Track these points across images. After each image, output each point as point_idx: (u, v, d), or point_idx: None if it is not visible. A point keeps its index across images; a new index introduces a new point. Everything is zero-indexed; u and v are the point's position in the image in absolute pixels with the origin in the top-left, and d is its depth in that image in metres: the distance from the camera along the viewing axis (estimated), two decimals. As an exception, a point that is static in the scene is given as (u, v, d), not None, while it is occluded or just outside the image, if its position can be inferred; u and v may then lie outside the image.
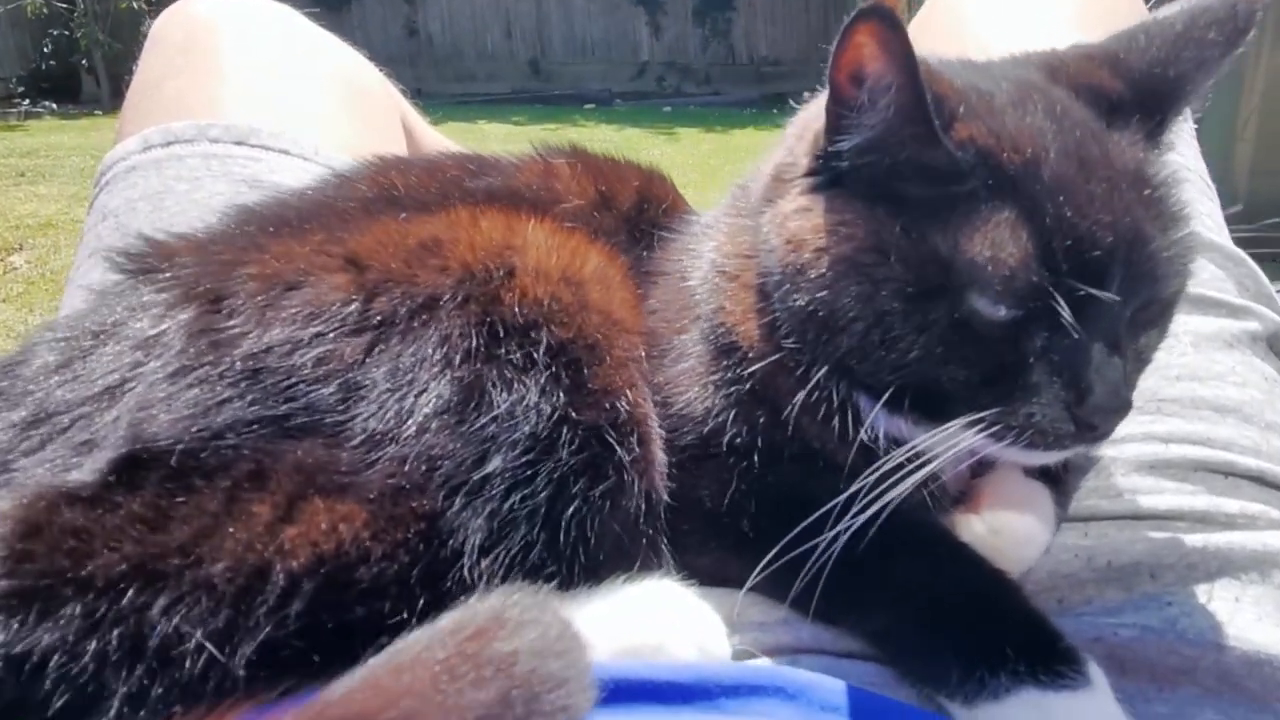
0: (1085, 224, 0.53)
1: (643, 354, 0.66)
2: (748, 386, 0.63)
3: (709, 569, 0.62)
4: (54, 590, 0.45)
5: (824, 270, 0.57)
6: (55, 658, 0.44)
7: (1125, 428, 0.72)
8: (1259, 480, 0.69)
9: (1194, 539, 0.64)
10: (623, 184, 0.81)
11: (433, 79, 9.56)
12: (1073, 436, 0.55)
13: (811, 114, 0.67)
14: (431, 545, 0.52)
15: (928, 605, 0.56)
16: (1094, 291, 0.52)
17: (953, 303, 0.53)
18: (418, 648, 0.37)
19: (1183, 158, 0.91)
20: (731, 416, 0.63)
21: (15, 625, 0.44)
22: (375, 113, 1.21)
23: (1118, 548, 0.64)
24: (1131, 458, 0.70)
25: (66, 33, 8.37)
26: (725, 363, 0.65)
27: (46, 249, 4.71)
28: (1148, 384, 0.73)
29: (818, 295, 0.57)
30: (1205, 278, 0.81)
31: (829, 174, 0.59)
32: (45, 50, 8.49)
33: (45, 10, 8.12)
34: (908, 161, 0.55)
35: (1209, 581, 0.63)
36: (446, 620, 0.40)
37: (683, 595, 0.59)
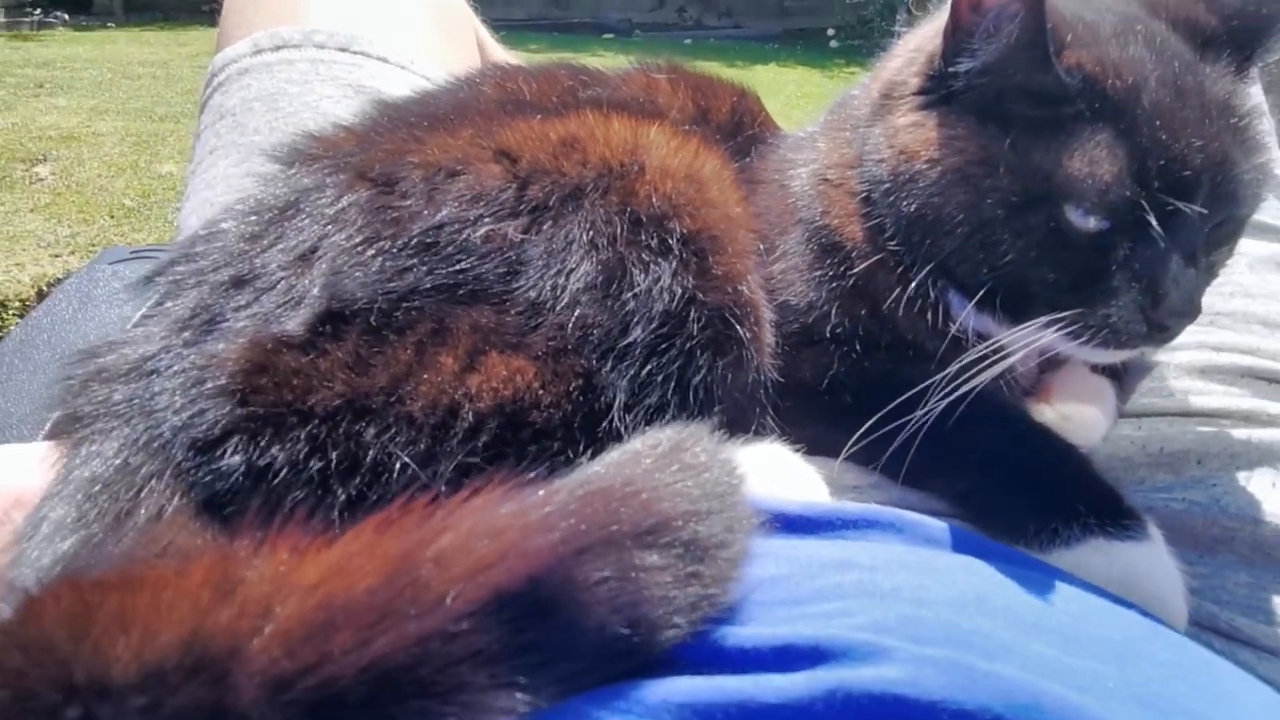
0: (1178, 146, 0.59)
1: (759, 248, 0.73)
2: (850, 283, 0.70)
3: (810, 439, 0.70)
4: (283, 418, 0.53)
5: (935, 179, 0.63)
6: (286, 471, 0.52)
7: (1181, 337, 0.80)
8: (1300, 387, 0.77)
9: (1239, 433, 0.72)
10: (719, 99, 0.87)
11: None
12: (1144, 337, 0.62)
13: (921, 37, 0.72)
14: (587, 397, 0.59)
15: (1007, 469, 0.64)
16: (1181, 205, 0.59)
17: (1050, 213, 0.60)
18: (628, 454, 0.44)
19: (1256, 100, 0.96)
20: (834, 309, 0.71)
21: (256, 445, 0.52)
22: (457, 27, 1.26)
23: (1169, 437, 0.72)
24: (1185, 363, 0.78)
25: (78, -59, 8.17)
26: (829, 260, 0.71)
27: (71, 160, 4.72)
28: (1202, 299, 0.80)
29: (929, 201, 0.64)
30: (1266, 204, 0.88)
31: (941, 93, 0.65)
32: (56, -41, 8.31)
33: (57, -82, 7.92)
34: (1020, 84, 0.61)
35: (1250, 469, 0.71)
36: (636, 442, 0.48)
37: (790, 456, 0.67)
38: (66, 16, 8.01)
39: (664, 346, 0.63)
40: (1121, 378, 0.75)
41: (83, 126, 5.12)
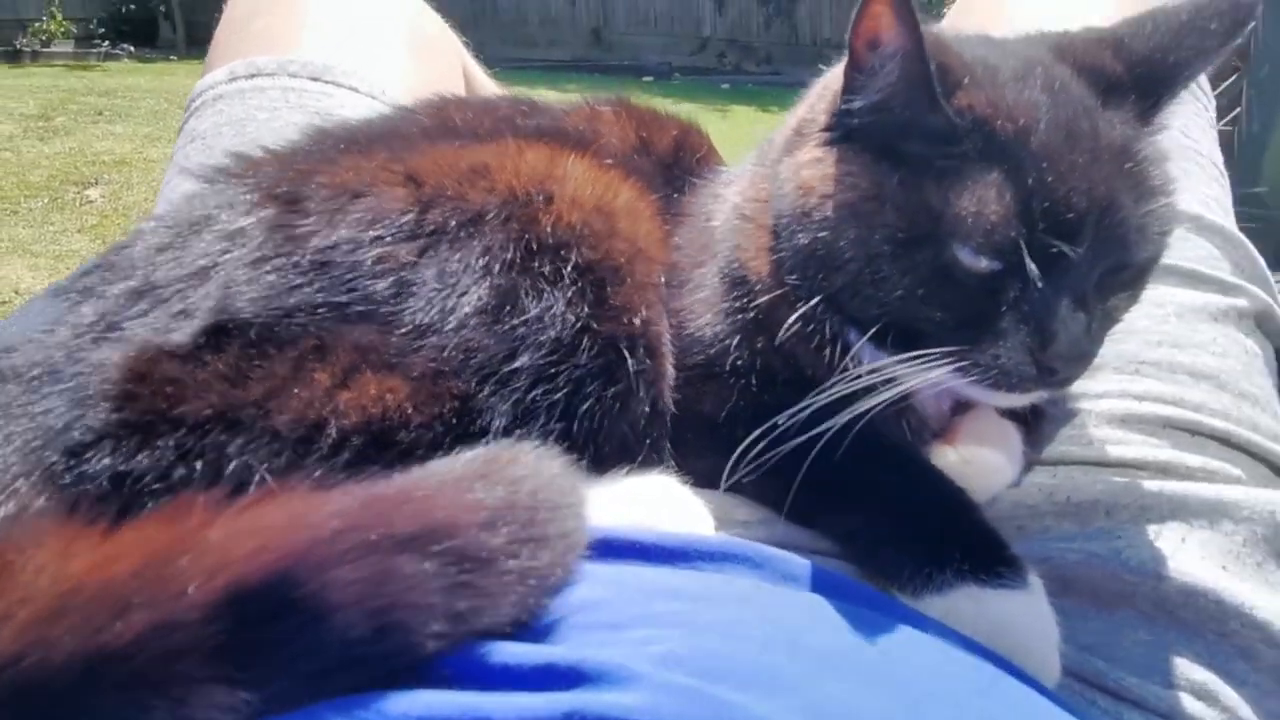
0: (1063, 188, 0.59)
1: (662, 281, 0.74)
2: (752, 316, 0.70)
3: (705, 472, 0.70)
4: (153, 425, 0.55)
5: (828, 214, 0.64)
6: (149, 478, 0.54)
7: (1103, 385, 0.79)
8: (1224, 441, 0.75)
9: (1152, 485, 0.70)
10: (661, 132, 0.89)
11: (495, 42, 9.62)
12: (1034, 380, 0.61)
13: (833, 76, 0.73)
14: (463, 420, 0.60)
15: (890, 511, 0.64)
16: (1064, 247, 0.58)
17: (938, 251, 0.60)
18: (443, 465, 0.45)
19: (1195, 143, 0.95)
20: (736, 341, 0.71)
21: (122, 450, 0.54)
22: (437, 58, 1.30)
23: (1079, 486, 0.71)
24: (1105, 411, 0.76)
25: (147, -22, 8.61)
26: (735, 294, 0.72)
27: (120, 185, 4.93)
28: (1128, 347, 0.79)
29: (820, 236, 0.64)
30: (1201, 255, 0.86)
31: (842, 130, 0.66)
32: (126, -6, 8.77)
33: (128, -45, 8.37)
34: (911, 122, 0.62)
35: (1160, 523, 0.69)
36: (469, 454, 0.49)
37: (678, 488, 0.67)
38: (132, 48, 8.42)
39: (551, 374, 0.64)
40: (1032, 423, 0.74)
41: (135, 152, 5.36)
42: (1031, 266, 0.58)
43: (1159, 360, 0.78)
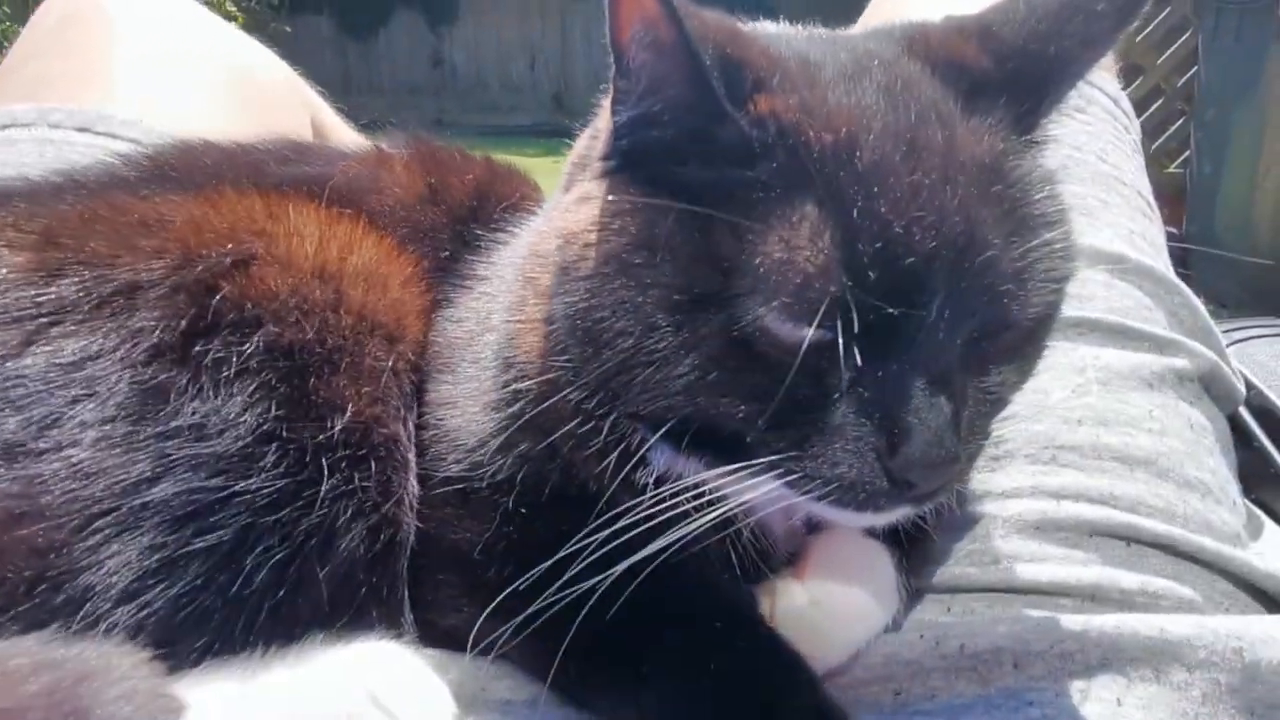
0: (900, 222, 0.41)
1: (408, 365, 0.55)
2: (519, 410, 0.52)
3: (457, 629, 0.51)
4: None
5: (590, 271, 0.46)
6: None
7: (1011, 480, 0.61)
8: (1168, 549, 0.57)
9: (1074, 621, 0.51)
10: (458, 178, 0.72)
11: (456, 109, 9.63)
12: (887, 495, 0.43)
13: None
14: (41, 586, 0.41)
15: (694, 694, 0.44)
16: (904, 311, 0.41)
17: (730, 318, 0.42)
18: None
19: (1116, 169, 0.79)
20: (499, 445, 0.52)
21: None
22: (271, 108, 1.13)
23: (978, 628, 0.52)
24: (1014, 516, 0.58)
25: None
26: (502, 380, 0.54)
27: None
28: (1041, 429, 0.61)
29: (580, 302, 0.46)
30: (1128, 304, 0.69)
31: (618, 157, 0.49)
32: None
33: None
34: (691, 139, 0.45)
35: (1086, 677, 0.50)
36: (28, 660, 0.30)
37: (402, 662, 0.47)
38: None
39: (210, 504, 0.45)
40: (918, 539, 0.55)
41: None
42: (862, 337, 0.41)
43: (1081, 444, 0.60)
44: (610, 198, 0.47)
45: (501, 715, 0.48)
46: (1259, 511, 0.73)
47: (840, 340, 0.41)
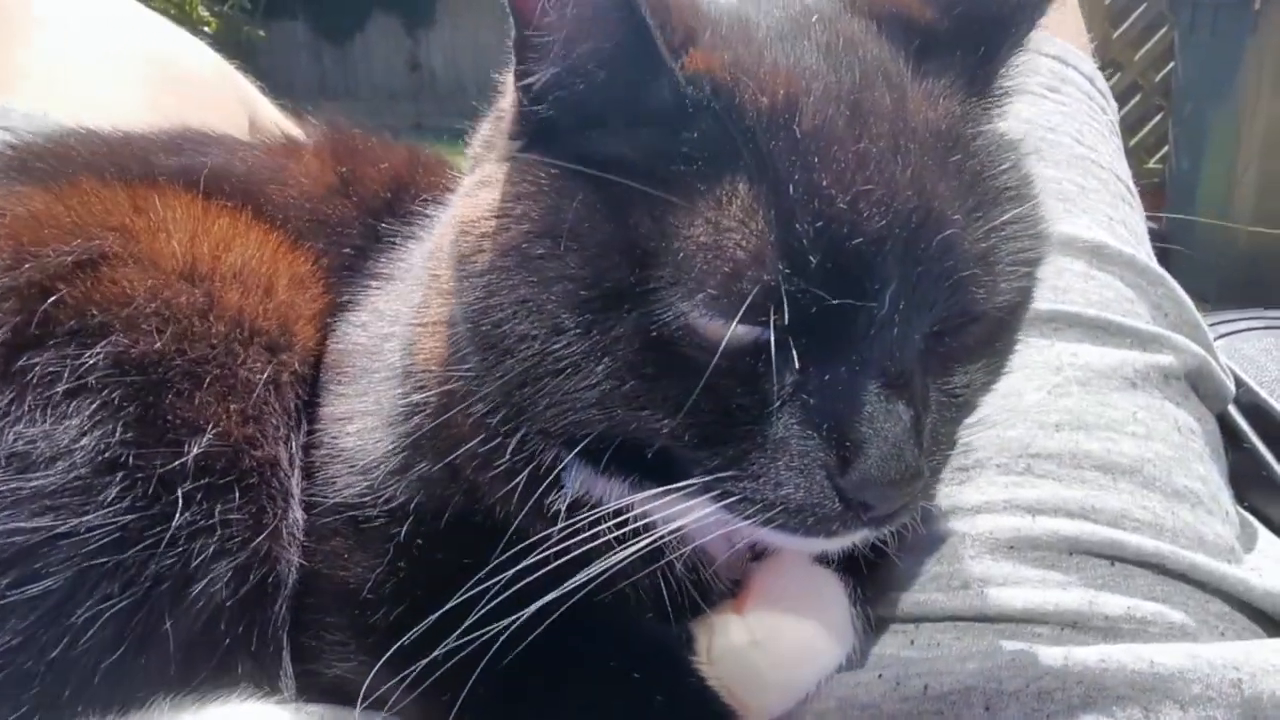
0: (844, 197, 0.35)
1: (294, 378, 0.49)
2: (415, 423, 0.45)
3: (348, 682, 0.44)
4: None
5: (487, 265, 0.40)
6: None
7: (982, 492, 0.55)
8: (1156, 568, 0.51)
9: (1052, 655, 0.45)
10: (373, 168, 0.65)
11: (434, 113, 9.54)
12: (841, 518, 0.37)
13: None
14: None
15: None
16: (852, 302, 0.35)
17: (648, 314, 0.36)
18: None
19: (1093, 151, 0.73)
20: (396, 465, 0.46)
21: None
22: (194, 102, 1.06)
23: (942, 666, 0.45)
24: (985, 534, 0.52)
25: None
26: (400, 393, 0.47)
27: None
28: (1014, 434, 0.55)
29: (477, 302, 0.40)
30: (1109, 296, 0.63)
31: (530, 130, 0.42)
32: None
33: None
34: (615, 97, 0.38)
35: (1067, 718, 0.44)
36: None
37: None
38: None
39: (36, 546, 0.38)
40: (876, 563, 0.49)
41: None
42: (804, 334, 0.34)
43: (1058, 451, 0.54)
44: (514, 179, 0.41)
45: (392, 782, 0.41)
46: (1252, 519, 0.67)
47: (775, 338, 0.35)
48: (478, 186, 0.43)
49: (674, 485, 0.39)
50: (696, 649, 0.46)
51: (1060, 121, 0.73)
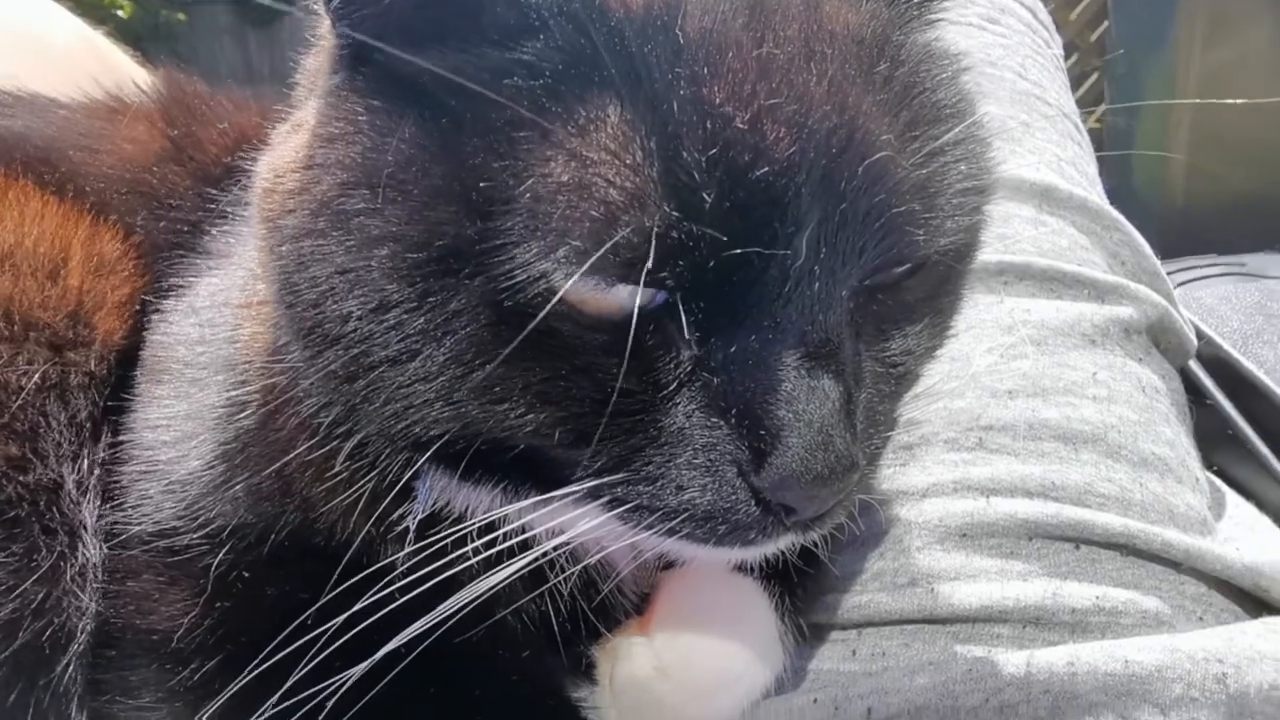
0: (743, 115, 0.27)
1: (87, 380, 0.40)
2: (237, 426, 0.37)
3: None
4: None
5: (296, 228, 0.31)
6: None
7: (929, 473, 0.48)
8: (1125, 549, 0.44)
9: (1015, 661, 0.39)
10: (213, 130, 0.56)
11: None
12: (759, 524, 0.30)
13: None
14: None
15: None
16: (759, 251, 0.27)
17: (495, 278, 0.28)
18: None
19: (1038, 86, 0.67)
20: (220, 476, 0.37)
21: None
22: (66, 73, 0.95)
23: (888, 684, 0.38)
24: (934, 521, 0.45)
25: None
26: (222, 388, 0.38)
27: None
28: (963, 404, 0.48)
29: (289, 275, 0.31)
30: (1062, 244, 0.57)
31: (347, 61, 0.33)
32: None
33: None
34: (442, 11, 0.30)
35: (1033, 737, 0.37)
36: None
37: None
38: None
39: None
40: (792, 572, 0.41)
41: None
42: (700, 294, 0.27)
43: (1013, 422, 0.48)
44: (323, 119, 0.32)
45: None
46: (1218, 482, 0.61)
47: (664, 301, 0.28)
48: (289, 134, 0.34)
49: (552, 493, 0.31)
50: (598, 678, 0.38)
51: (1002, 55, 0.66)
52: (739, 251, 0.27)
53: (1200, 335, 0.67)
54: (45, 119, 0.54)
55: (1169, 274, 0.79)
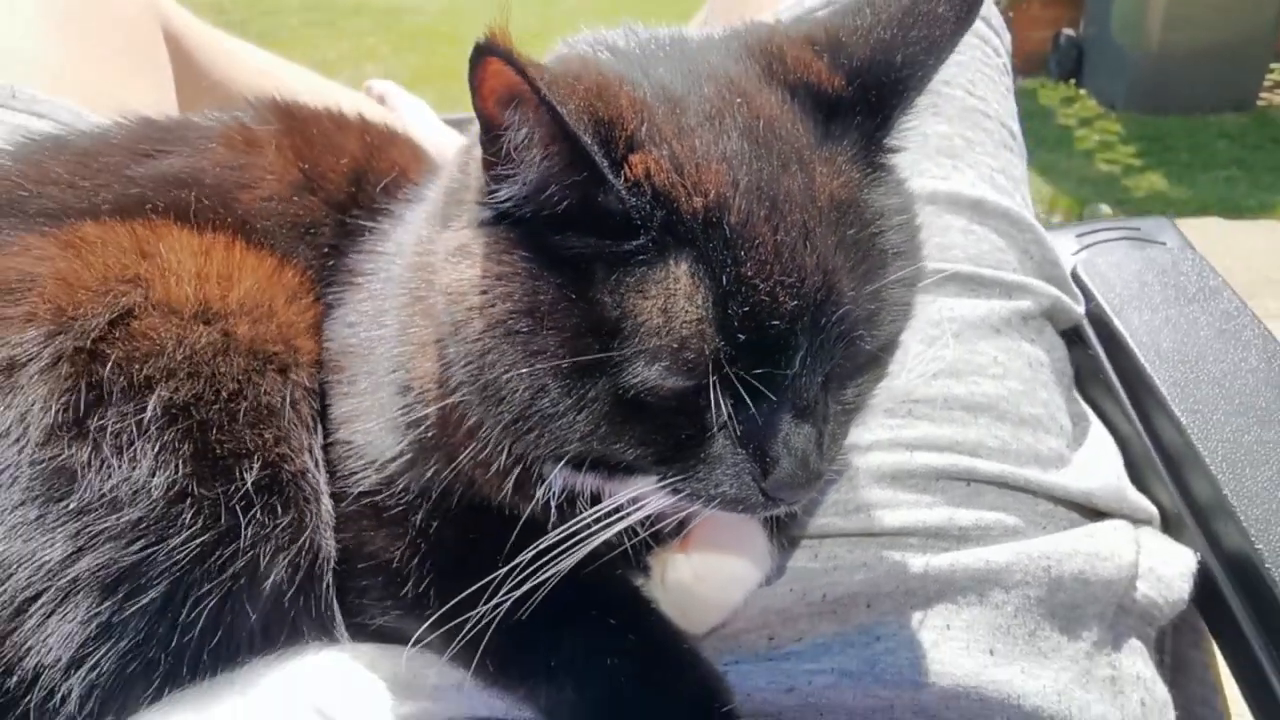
0: (766, 286, 0.43)
1: (305, 393, 0.57)
2: (419, 434, 0.55)
3: (388, 629, 0.57)
4: None
5: (478, 334, 0.47)
6: None
7: (873, 433, 0.68)
8: (1001, 484, 0.66)
9: (916, 562, 0.61)
10: (333, 158, 0.69)
11: None
12: (763, 504, 0.49)
13: None
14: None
15: (598, 679, 0.52)
16: (773, 370, 0.44)
17: (617, 381, 0.45)
18: None
19: (983, 101, 0.82)
20: (409, 461, 0.56)
21: None
22: (106, 24, 1.02)
23: (838, 578, 0.61)
24: (874, 467, 0.66)
25: None
26: (402, 404, 0.56)
27: None
28: (900, 384, 0.68)
29: (473, 361, 0.48)
30: (984, 250, 0.75)
31: (493, 213, 0.48)
32: None
33: None
34: (572, 211, 0.45)
35: (924, 608, 0.60)
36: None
37: (338, 669, 0.53)
38: None
39: (135, 568, 0.48)
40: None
41: None
42: (734, 392, 0.45)
43: (934, 397, 0.68)
44: (490, 258, 0.48)
45: (432, 701, 0.55)
46: (1088, 410, 0.83)
47: (715, 394, 0.45)
48: (458, 254, 0.49)
49: (639, 486, 0.50)
50: (652, 577, 0.60)
51: (955, 73, 0.80)
52: (760, 370, 0.45)
53: (1090, 298, 0.87)
54: (199, 153, 0.66)
55: (1084, 235, 0.97)
